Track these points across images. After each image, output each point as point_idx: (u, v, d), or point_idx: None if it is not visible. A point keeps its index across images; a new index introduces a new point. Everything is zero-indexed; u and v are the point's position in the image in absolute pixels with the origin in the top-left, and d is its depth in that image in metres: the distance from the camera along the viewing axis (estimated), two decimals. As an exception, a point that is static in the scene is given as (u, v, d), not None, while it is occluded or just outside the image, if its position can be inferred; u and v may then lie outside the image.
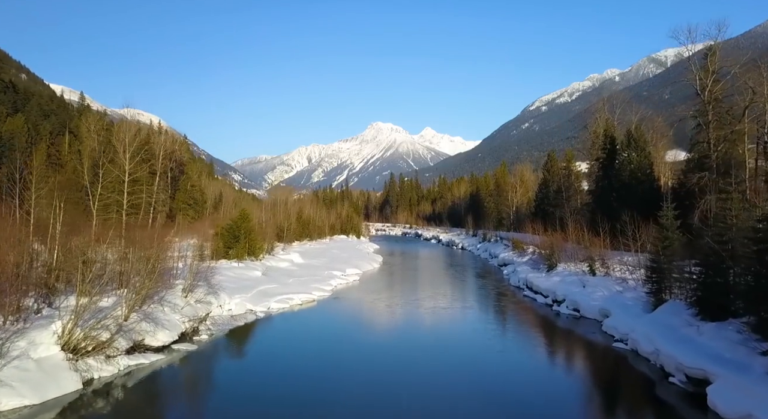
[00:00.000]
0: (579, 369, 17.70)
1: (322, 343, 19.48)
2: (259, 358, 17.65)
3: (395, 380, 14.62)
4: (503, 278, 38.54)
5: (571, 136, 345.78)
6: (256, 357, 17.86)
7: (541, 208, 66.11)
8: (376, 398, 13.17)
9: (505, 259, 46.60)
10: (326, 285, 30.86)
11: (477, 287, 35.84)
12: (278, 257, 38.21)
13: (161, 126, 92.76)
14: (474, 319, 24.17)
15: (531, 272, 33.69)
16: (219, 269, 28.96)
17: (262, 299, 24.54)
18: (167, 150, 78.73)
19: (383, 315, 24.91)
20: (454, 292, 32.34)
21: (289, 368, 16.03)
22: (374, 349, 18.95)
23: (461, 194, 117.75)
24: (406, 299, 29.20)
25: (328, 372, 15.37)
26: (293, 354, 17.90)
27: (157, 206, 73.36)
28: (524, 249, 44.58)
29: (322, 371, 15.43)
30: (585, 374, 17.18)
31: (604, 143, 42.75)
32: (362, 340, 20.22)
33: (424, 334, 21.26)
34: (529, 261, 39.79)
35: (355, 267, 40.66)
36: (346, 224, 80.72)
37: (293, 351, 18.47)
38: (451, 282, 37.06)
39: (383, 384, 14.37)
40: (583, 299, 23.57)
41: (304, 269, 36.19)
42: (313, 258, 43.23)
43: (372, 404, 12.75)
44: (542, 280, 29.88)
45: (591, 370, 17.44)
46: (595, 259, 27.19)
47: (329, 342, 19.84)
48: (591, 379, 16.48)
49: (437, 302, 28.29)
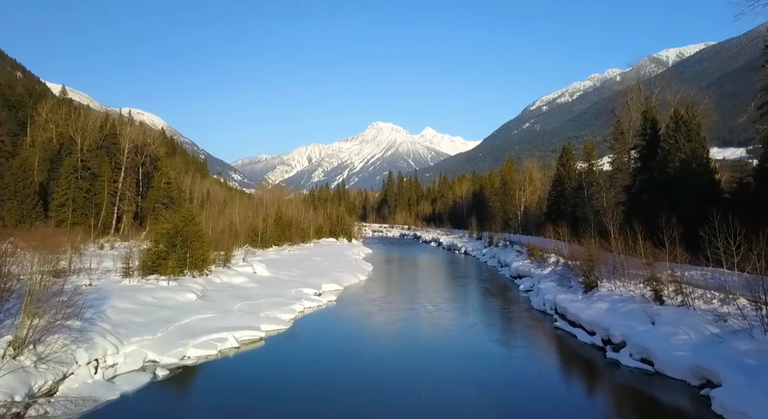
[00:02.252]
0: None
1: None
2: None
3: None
4: (521, 298, 30.41)
5: (572, 136, 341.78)
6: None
7: (556, 208, 58.04)
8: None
9: (519, 270, 38.46)
10: (287, 313, 22.75)
11: (489, 311, 27.71)
12: (235, 269, 30.13)
13: (131, 117, 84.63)
14: (495, 375, 16.03)
15: (561, 292, 25.57)
16: (134, 291, 20.86)
17: (178, 342, 16.42)
18: (136, 143, 70.89)
19: (358, 367, 16.79)
20: (459, 319, 24.22)
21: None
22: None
23: (463, 192, 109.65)
24: (392, 336, 21.11)
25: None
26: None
27: (123, 205, 65.35)
28: (543, 258, 36.47)
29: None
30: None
31: (644, 128, 34.65)
32: None
33: (422, 406, 13.08)
34: (552, 275, 31.68)
35: (334, 281, 32.57)
36: (336, 226, 72.56)
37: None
38: (455, 304, 28.92)
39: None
40: (658, 346, 15.45)
41: (266, 287, 28.08)
42: (285, 269, 35.13)
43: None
44: (581, 306, 21.76)
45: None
46: (664, 280, 19.04)
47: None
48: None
49: (437, 338, 20.20)
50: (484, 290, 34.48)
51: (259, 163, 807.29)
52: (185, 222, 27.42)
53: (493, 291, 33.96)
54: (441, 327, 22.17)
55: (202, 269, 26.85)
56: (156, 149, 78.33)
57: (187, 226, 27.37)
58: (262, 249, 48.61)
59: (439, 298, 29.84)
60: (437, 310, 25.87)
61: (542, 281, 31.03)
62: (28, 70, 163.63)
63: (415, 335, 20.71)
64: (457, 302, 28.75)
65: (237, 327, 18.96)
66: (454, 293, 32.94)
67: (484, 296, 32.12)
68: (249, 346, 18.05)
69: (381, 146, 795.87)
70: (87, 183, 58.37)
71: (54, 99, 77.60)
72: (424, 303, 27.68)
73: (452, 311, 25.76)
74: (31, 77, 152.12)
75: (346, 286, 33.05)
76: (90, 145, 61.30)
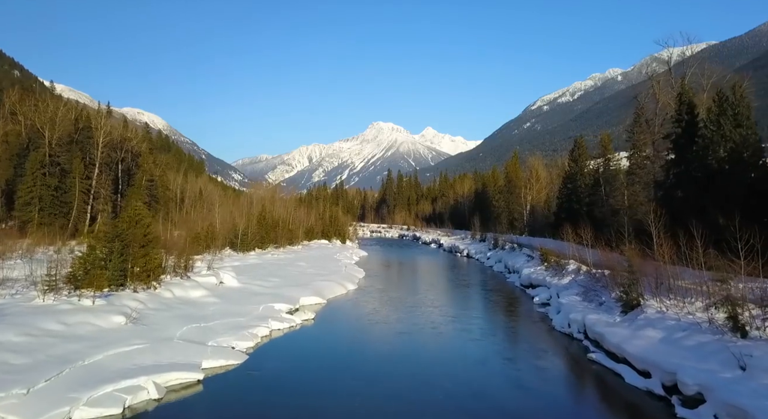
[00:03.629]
0: None
1: None
2: None
3: None
4: (537, 314, 25.40)
5: (573, 135, 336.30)
6: None
7: (567, 207, 53.01)
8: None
9: (532, 278, 33.45)
10: (246, 339, 17.78)
11: (502, 335, 22.67)
12: (196, 279, 25.11)
13: (110, 110, 79.63)
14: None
15: (591, 311, 20.53)
16: (39, 314, 15.91)
17: (65, 396, 11.37)
18: (114, 137, 66.03)
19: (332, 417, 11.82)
20: (466, 348, 19.24)
21: None
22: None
23: (465, 191, 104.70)
24: (379, 372, 16.11)
25: None
26: None
27: (98, 204, 60.38)
28: (560, 265, 31.46)
29: None
30: None
31: (679, 114, 29.61)
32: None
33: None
34: (574, 285, 26.68)
35: (316, 293, 27.57)
36: (329, 227, 67.48)
37: None
38: (458, 323, 23.89)
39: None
40: (764, 409, 10.43)
41: (229, 302, 23.09)
42: (260, 278, 30.12)
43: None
44: (624, 334, 16.72)
45: None
46: (740, 300, 14.03)
47: None
48: None
49: (437, 378, 15.16)
50: (493, 304, 29.46)
51: (260, 163, 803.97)
52: (129, 223, 22.45)
53: (503, 305, 28.94)
54: (442, 360, 17.15)
55: (149, 282, 21.84)
56: (138, 145, 73.45)
57: (132, 228, 22.40)
58: (243, 253, 43.66)
59: (439, 314, 24.84)
60: (436, 333, 20.86)
61: (562, 293, 26.01)
62: (26, 69, 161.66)
63: (409, 372, 15.70)
64: (461, 320, 23.74)
65: (166, 365, 13.97)
66: (457, 307, 27.90)
67: (494, 312, 27.10)
68: (177, 395, 13.05)
69: (381, 146, 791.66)
70: (56, 180, 53.46)
71: (27, 89, 72.70)
72: (420, 323, 22.68)
73: (455, 334, 20.74)
74: (29, 76, 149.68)
75: (330, 299, 28.04)
76: (60, 138, 56.41)
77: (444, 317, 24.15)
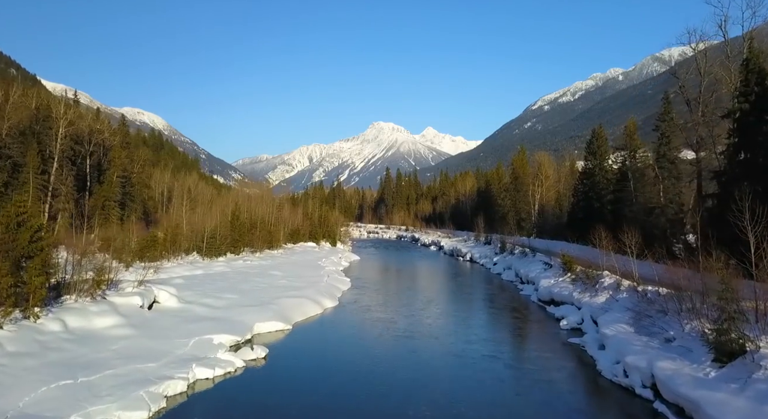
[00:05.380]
0: None
1: None
2: None
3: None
4: (567, 347, 19.00)
5: (574, 135, 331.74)
6: None
7: (585, 206, 46.64)
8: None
9: (553, 293, 27.05)
10: (140, 406, 11.46)
11: (527, 387, 16.21)
12: (113, 300, 18.66)
13: (77, 98, 73.26)
14: None
15: (660, 355, 14.01)
16: None
17: None
18: (78, 128, 59.69)
19: None
20: (477, 410, 12.87)
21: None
22: None
23: (467, 190, 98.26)
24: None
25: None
26: None
27: (57, 203, 54.01)
28: (591, 277, 25.02)
29: None
30: None
31: (745, 86, 23.19)
32: None
33: None
34: (613, 305, 20.30)
35: (279, 316, 21.19)
36: (318, 228, 61.03)
37: None
38: (463, 358, 17.52)
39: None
40: None
41: (147, 335, 16.72)
42: (211, 294, 23.73)
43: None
44: (738, 405, 10.32)
45: None
46: None
47: None
48: None
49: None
50: (507, 330, 23.05)
51: (260, 163, 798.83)
52: (6, 226, 16.11)
53: (520, 331, 22.55)
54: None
55: (28, 308, 15.44)
56: (111, 138, 67.14)
57: (11, 232, 16.06)
58: (209, 259, 37.32)
59: (439, 347, 18.48)
60: (432, 381, 14.49)
61: (600, 318, 19.63)
62: (23, 68, 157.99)
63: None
64: (467, 359, 17.39)
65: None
66: (461, 336, 21.48)
67: (510, 344, 20.65)
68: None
69: (382, 146, 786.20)
70: (5, 175, 47.11)
71: None
72: (413, 363, 16.33)
73: (460, 387, 14.36)
74: (27, 75, 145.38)
75: (298, 323, 21.66)
76: (12, 128, 50.13)
77: (444, 352, 17.77)
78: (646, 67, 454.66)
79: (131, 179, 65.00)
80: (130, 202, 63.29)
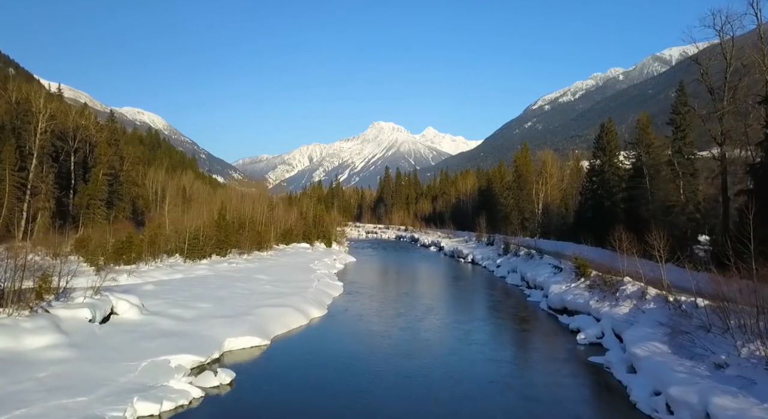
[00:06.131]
0: None
1: None
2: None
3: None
4: (588, 367, 16.28)
5: (575, 135, 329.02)
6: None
7: (594, 205, 43.92)
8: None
9: (565, 300, 24.31)
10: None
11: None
12: (57, 312, 15.96)
13: (60, 93, 70.54)
14: None
15: (713, 386, 11.30)
16: None
17: None
18: (62, 124, 57.13)
19: None
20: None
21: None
22: None
23: (468, 189, 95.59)
24: None
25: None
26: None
27: (37, 202, 51.33)
28: (610, 283, 22.28)
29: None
30: None
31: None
32: None
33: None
34: (642, 318, 17.57)
35: (256, 329, 18.48)
36: (312, 229, 58.25)
37: None
38: (467, 384, 14.87)
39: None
40: None
41: (88, 357, 13.99)
42: (181, 303, 21.01)
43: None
44: None
45: None
46: None
47: None
48: None
49: None
50: (517, 344, 20.33)
51: (260, 162, 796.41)
52: None
53: (532, 346, 19.79)
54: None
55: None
56: (97, 134, 64.45)
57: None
58: (192, 261, 34.61)
59: (438, 368, 15.77)
60: (435, 406, 11.79)
61: (626, 332, 16.91)
62: (22, 67, 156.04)
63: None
64: (471, 383, 14.69)
65: None
66: (463, 353, 18.74)
67: (522, 365, 17.87)
68: None
69: (382, 146, 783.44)
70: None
71: None
72: (406, 393, 13.60)
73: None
74: (25, 73, 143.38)
75: (277, 337, 18.94)
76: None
77: (445, 376, 15.03)
78: (646, 67, 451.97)
79: (119, 177, 62.39)
80: (118, 201, 60.64)
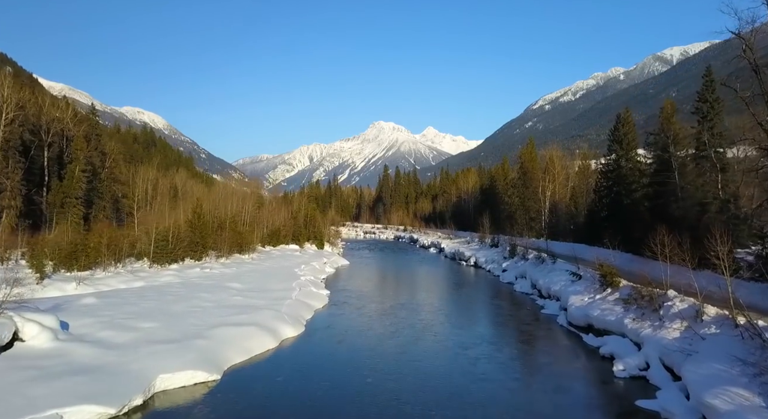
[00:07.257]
0: None
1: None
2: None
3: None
4: (635, 410, 12.14)
5: (575, 134, 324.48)
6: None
7: (611, 202, 39.76)
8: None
9: (591, 317, 20.17)
10: None
11: None
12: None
13: (37, 82, 66.36)
14: None
15: None
16: None
17: None
18: (33, 115, 53.14)
19: None
20: None
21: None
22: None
23: (469, 188, 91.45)
24: None
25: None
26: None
27: (2, 200, 47.30)
28: (651, 297, 18.12)
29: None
30: None
31: None
32: None
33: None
34: (713, 350, 13.41)
35: (204, 358, 14.36)
36: (302, 229, 54.10)
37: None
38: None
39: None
40: None
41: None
42: (120, 322, 16.90)
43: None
44: None
45: None
46: None
47: None
48: None
49: None
50: (538, 378, 16.13)
51: (261, 162, 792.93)
52: None
53: (558, 381, 15.51)
54: None
55: None
56: (73, 128, 60.31)
57: None
58: (159, 266, 30.51)
59: (437, 413, 11.67)
60: None
61: (684, 367, 12.82)
62: (19, 66, 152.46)
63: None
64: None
65: None
66: (472, 396, 14.58)
67: (550, 409, 13.70)
68: None
69: (382, 146, 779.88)
70: (-69, 166, 40.67)
71: None
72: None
73: None
74: (23, 73, 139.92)
75: (233, 367, 14.81)
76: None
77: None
78: (647, 67, 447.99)
79: (100, 175, 58.38)
80: (98, 200, 56.62)
